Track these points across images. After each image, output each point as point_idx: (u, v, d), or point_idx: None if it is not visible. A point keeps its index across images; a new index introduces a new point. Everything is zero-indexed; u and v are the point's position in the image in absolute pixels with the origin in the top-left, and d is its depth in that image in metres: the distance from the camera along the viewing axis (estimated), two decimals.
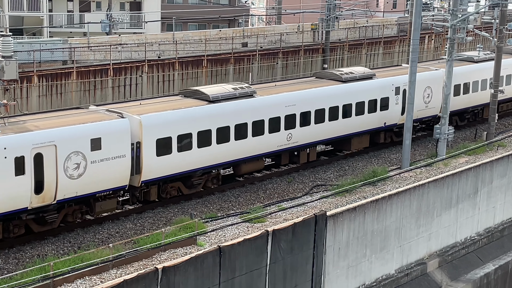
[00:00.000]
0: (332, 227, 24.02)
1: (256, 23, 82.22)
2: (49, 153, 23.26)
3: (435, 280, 28.16)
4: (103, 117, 25.63)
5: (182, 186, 28.42)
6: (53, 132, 23.61)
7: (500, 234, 32.37)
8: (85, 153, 24.15)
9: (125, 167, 25.47)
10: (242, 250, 21.21)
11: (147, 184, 26.84)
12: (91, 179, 24.51)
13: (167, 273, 19.31)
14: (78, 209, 25.30)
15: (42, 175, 23.25)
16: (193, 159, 27.73)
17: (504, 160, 32.00)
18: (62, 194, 23.87)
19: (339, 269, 24.66)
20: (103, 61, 40.52)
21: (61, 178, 23.65)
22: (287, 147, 31.39)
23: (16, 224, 23.60)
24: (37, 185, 23.22)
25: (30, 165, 22.80)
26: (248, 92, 30.26)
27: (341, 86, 33.83)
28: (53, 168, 23.42)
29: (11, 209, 22.69)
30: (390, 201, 26.21)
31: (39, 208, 23.58)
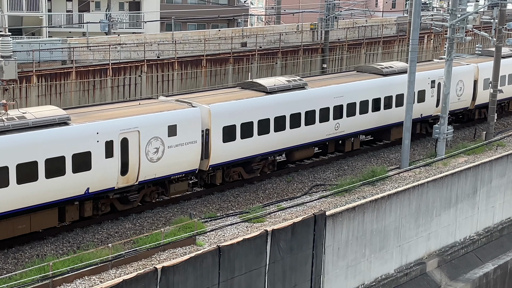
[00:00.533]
0: (331, 227, 24.03)
1: (255, 23, 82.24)
2: (134, 138, 25.68)
3: (434, 280, 28.17)
4: (177, 106, 28.01)
5: (242, 171, 30.51)
6: (137, 119, 26.00)
7: (499, 234, 32.38)
8: (163, 139, 26.55)
9: (196, 152, 27.77)
10: (241, 250, 21.22)
11: (213, 168, 28.99)
12: (167, 162, 26.81)
13: (167, 273, 19.32)
14: (155, 190, 27.61)
15: (127, 158, 25.66)
16: (253, 145, 29.93)
17: (503, 159, 32.02)
18: (143, 175, 26.27)
19: (338, 269, 24.66)
20: (102, 61, 40.53)
21: (143, 161, 26.10)
22: (335, 136, 33.69)
23: (103, 203, 26.07)
24: (123, 167, 25.59)
25: (117, 149, 25.27)
26: (300, 84, 32.48)
27: (383, 79, 36.05)
28: (137, 151, 25.86)
29: (101, 188, 25.18)
30: (389, 201, 26.22)
31: (123, 188, 25.98)
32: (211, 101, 29.02)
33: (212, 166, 28.64)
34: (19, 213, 23.23)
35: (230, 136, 28.82)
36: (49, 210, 24.14)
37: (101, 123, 25.07)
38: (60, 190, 23.93)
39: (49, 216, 24.24)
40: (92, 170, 24.61)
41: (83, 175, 24.42)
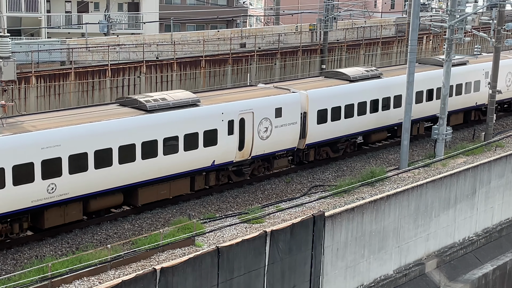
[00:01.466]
0: (330, 227, 24.03)
1: (254, 24, 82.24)
2: (249, 118, 29.63)
3: (433, 281, 28.17)
4: (280, 92, 31.87)
5: (329, 150, 34.24)
6: (252, 102, 29.90)
7: (498, 235, 32.38)
8: (271, 119, 30.41)
9: (296, 132, 31.62)
10: (240, 250, 21.22)
11: (308, 147, 32.82)
12: (274, 140, 30.67)
13: (165, 274, 19.32)
14: (262, 165, 31.42)
15: (244, 136, 29.56)
16: (341, 127, 33.75)
17: (502, 160, 32.02)
18: (255, 151, 30.14)
19: (337, 270, 24.66)
20: (101, 61, 40.52)
21: (255, 138, 29.96)
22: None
23: (223, 174, 29.98)
24: (240, 143, 29.49)
25: (237, 127, 29.20)
26: (377, 74, 36.27)
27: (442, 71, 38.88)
28: (251, 130, 29.75)
29: (224, 161, 29.13)
30: (388, 202, 26.22)
31: (239, 162, 29.89)
32: (307, 87, 32.85)
33: (308, 145, 32.59)
34: (162, 181, 27.25)
35: (323, 119, 32.72)
36: (184, 179, 28.20)
37: (224, 104, 29.06)
38: (193, 161, 27.94)
39: (184, 184, 28.32)
40: (217, 145, 28.61)
41: (211, 149, 28.39)
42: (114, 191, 25.94)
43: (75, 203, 24.92)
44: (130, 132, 25.78)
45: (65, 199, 24.32)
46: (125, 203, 27.19)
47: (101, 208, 26.28)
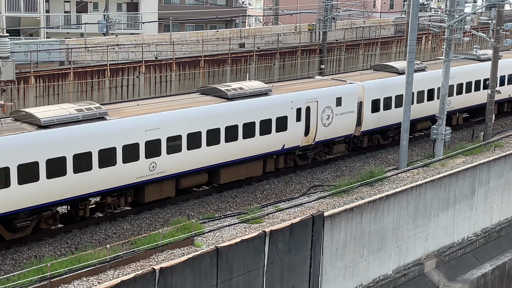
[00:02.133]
0: (330, 227, 24.02)
1: (253, 24, 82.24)
2: (314, 107, 32.13)
3: (432, 281, 28.18)
4: (339, 83, 34.51)
5: (380, 138, 36.75)
6: (316, 91, 32.55)
7: (497, 235, 32.39)
8: (332, 108, 33.00)
9: (353, 120, 34.21)
10: (239, 250, 21.22)
11: (363, 134, 35.34)
12: (334, 127, 33.26)
13: (165, 274, 19.31)
14: (323, 150, 34.12)
15: (309, 122, 32.10)
16: (391, 116, 36.13)
17: (501, 160, 32.03)
18: (318, 137, 32.70)
19: (337, 270, 24.66)
20: (100, 61, 40.51)
21: (319, 125, 32.54)
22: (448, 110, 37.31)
23: (290, 158, 32.48)
24: (306, 129, 32.00)
25: (303, 115, 31.78)
26: (422, 67, 38.80)
27: (479, 65, 41.87)
28: (315, 117, 32.30)
29: (292, 145, 31.72)
30: (387, 202, 26.22)
31: (304, 146, 32.50)
32: (362, 79, 35.48)
33: (363, 132, 35.10)
34: (239, 163, 29.77)
35: (376, 108, 35.39)
36: (258, 162, 30.67)
37: (293, 94, 31.67)
38: (267, 145, 30.50)
39: (257, 166, 30.79)
40: (287, 130, 31.16)
41: (281, 134, 30.93)
42: (201, 171, 28.67)
43: (169, 181, 27.73)
44: (216, 117, 28.53)
45: (162, 176, 27.08)
46: (207, 183, 29.93)
47: (189, 186, 29.03)
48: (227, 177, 29.70)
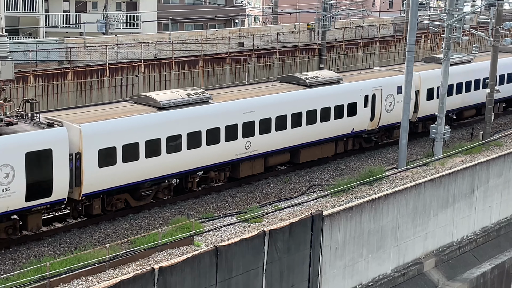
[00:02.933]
0: (329, 226, 24.02)
1: (253, 23, 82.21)
2: (378, 94, 35.18)
3: (431, 280, 28.18)
4: (397, 73, 37.05)
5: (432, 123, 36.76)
6: (380, 80, 35.69)
7: (496, 234, 32.39)
8: (394, 95, 35.85)
9: (412, 106, 36.52)
10: (238, 250, 21.21)
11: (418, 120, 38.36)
12: (395, 113, 35.77)
13: (164, 273, 19.31)
14: (384, 134, 37.05)
15: (374, 108, 35.08)
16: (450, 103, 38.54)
17: (500, 159, 32.04)
18: (382, 122, 35.71)
19: (336, 269, 24.66)
20: (99, 61, 40.49)
21: (383, 111, 35.45)
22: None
23: (356, 141, 35.45)
24: (371, 114, 34.98)
25: (370, 101, 34.69)
26: (468, 59, 41.61)
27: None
28: (379, 104, 35.28)
29: (359, 129, 34.71)
30: (386, 201, 26.22)
31: (369, 130, 35.43)
32: (418, 70, 37.78)
33: (419, 118, 38.06)
34: (315, 144, 33.04)
35: (430, 96, 38.08)
36: (330, 143, 33.86)
37: (362, 82, 34.74)
38: (339, 128, 33.62)
39: (330, 147, 33.96)
40: (356, 115, 34.08)
41: (351, 119, 33.84)
42: (285, 151, 31.79)
43: (260, 159, 30.88)
44: (298, 102, 31.70)
45: (254, 154, 30.31)
46: (288, 162, 32.98)
47: (274, 164, 32.26)
48: (306, 157, 32.99)
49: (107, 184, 25.33)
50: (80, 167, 24.39)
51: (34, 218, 23.93)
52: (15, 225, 23.70)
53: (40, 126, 23.99)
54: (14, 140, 22.79)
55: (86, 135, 24.48)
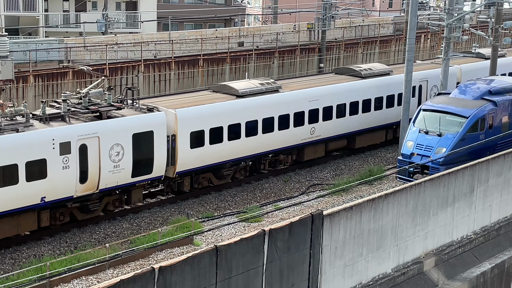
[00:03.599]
0: (329, 226, 24.01)
1: (252, 23, 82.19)
2: (424, 85, 38.19)
3: (431, 279, 28.18)
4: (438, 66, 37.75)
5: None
6: (427, 72, 38.32)
7: (496, 233, 32.39)
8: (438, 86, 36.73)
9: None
10: (238, 249, 21.20)
11: None
12: None
13: (164, 273, 19.31)
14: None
15: (421, 98, 37.62)
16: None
17: (500, 159, 32.02)
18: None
19: (336, 268, 24.66)
20: (99, 60, 40.48)
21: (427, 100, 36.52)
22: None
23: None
24: (418, 103, 36.40)
25: (417, 92, 37.63)
26: (503, 54, 43.40)
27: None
28: (425, 94, 37.76)
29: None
30: (386, 200, 26.21)
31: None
32: (458, 63, 40.22)
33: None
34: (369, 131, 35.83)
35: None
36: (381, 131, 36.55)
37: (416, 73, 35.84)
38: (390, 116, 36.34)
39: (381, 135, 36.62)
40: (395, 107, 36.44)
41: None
42: (343, 137, 34.47)
43: (321, 144, 33.66)
44: (355, 92, 34.43)
45: (318, 139, 33.18)
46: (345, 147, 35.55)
47: (333, 149, 34.89)
48: (360, 143, 35.55)
49: (196, 164, 28.22)
50: (175, 148, 27.31)
51: (137, 193, 26.83)
52: (121, 198, 26.58)
53: (142, 111, 26.76)
54: (124, 123, 25.72)
55: (181, 119, 27.45)
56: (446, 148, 29.67)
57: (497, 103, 31.56)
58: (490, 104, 31.45)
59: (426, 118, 30.80)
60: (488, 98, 31.66)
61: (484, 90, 32.37)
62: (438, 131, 30.17)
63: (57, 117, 24.67)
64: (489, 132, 31.18)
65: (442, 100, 31.96)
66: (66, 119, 24.63)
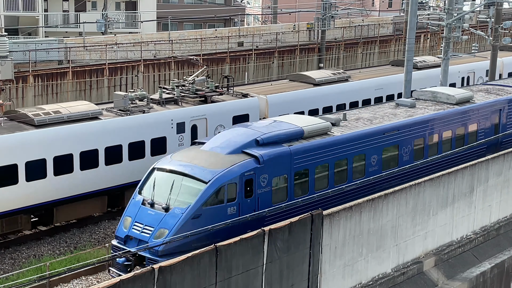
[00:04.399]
0: (329, 226, 24.02)
1: (252, 23, 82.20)
2: (472, 76, 41.07)
3: (431, 279, 28.19)
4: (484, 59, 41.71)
5: None
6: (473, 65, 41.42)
7: (496, 233, 32.40)
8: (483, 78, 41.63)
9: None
10: (238, 249, 21.20)
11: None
12: None
13: (164, 273, 19.30)
14: None
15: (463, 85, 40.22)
16: None
17: (499, 158, 32.03)
18: None
19: (336, 268, 24.66)
20: (99, 60, 40.50)
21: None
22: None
23: None
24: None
25: (465, 82, 40.35)
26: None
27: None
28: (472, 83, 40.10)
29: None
30: (386, 200, 26.21)
31: None
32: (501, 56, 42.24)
33: None
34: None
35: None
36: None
37: (459, 66, 40.36)
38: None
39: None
40: None
41: None
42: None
43: None
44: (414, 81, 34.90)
45: None
46: None
47: None
48: None
49: None
50: None
51: None
52: None
53: (238, 96, 30.33)
54: (225, 106, 29.24)
55: (271, 104, 30.66)
56: (168, 230, 19.77)
57: (262, 160, 21.42)
58: (250, 161, 21.31)
59: (157, 182, 20.76)
60: (249, 152, 21.50)
61: (247, 139, 21.96)
62: (166, 202, 20.14)
63: (171, 101, 28.39)
64: (247, 203, 21.54)
65: (188, 154, 21.70)
66: (179, 103, 28.39)
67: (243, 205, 21.25)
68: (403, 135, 26.48)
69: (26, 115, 24.21)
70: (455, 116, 28.53)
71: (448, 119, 28.27)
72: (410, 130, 26.68)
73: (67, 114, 24.66)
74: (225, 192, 20.56)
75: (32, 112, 24.42)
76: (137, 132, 26.18)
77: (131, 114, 26.29)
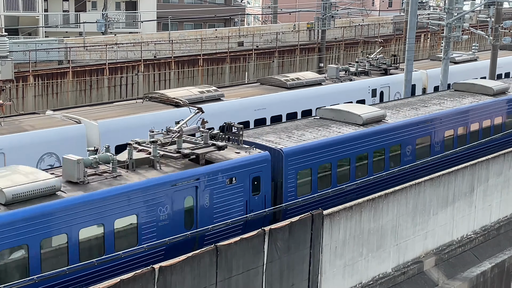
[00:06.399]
0: (329, 226, 24.01)
1: (252, 22, 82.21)
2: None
3: (431, 279, 28.19)
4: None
5: None
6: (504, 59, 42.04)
7: (496, 232, 32.39)
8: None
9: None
10: (238, 249, 21.20)
11: None
12: None
13: (164, 273, 19.31)
14: None
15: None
16: None
17: (500, 158, 32.02)
18: None
19: (336, 268, 24.66)
20: (99, 60, 40.51)
21: None
22: None
23: None
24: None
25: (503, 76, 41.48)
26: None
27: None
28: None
29: None
30: (386, 200, 26.21)
31: None
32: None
33: None
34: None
35: None
36: None
37: (482, 62, 41.31)
38: None
39: None
40: None
41: None
42: None
43: None
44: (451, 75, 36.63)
45: None
46: None
47: None
48: None
49: None
50: None
51: None
52: None
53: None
54: (402, 78, 34.50)
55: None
56: None
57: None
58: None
59: None
60: None
61: None
62: None
63: (362, 73, 35.31)
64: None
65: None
66: (369, 74, 35.44)
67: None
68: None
69: (280, 80, 32.06)
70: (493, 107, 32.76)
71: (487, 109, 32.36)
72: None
73: (305, 80, 32.50)
74: None
75: (284, 78, 32.34)
76: (346, 95, 32.55)
77: (343, 81, 33.62)
